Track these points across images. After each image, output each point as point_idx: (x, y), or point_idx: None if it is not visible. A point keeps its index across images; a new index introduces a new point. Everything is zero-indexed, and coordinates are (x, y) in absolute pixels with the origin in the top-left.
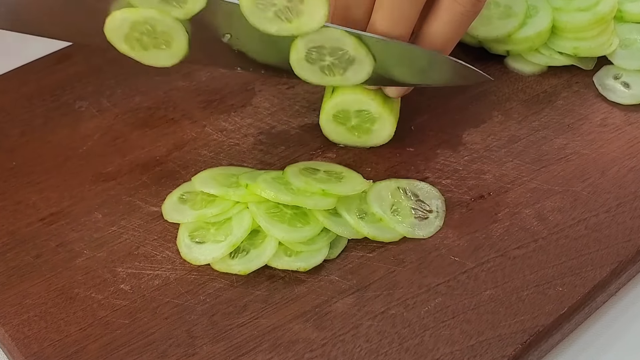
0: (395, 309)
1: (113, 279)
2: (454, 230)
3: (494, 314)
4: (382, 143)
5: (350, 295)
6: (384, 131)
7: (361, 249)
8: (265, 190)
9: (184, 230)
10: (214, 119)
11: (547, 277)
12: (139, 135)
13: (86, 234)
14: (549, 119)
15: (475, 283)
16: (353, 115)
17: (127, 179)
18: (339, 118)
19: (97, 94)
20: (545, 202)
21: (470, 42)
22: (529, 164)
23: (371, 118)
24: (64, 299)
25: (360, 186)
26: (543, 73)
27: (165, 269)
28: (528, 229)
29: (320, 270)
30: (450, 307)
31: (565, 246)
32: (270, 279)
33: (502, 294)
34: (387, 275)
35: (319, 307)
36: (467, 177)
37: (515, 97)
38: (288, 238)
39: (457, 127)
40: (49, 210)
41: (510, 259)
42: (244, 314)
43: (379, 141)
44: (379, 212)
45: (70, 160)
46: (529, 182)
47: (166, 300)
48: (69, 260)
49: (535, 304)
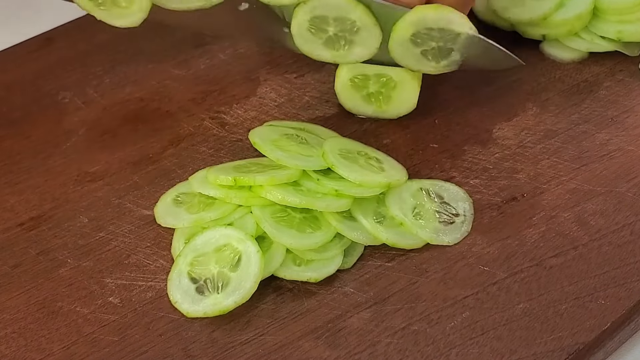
0: (418, 325)
1: (101, 291)
2: (483, 236)
3: (528, 330)
4: (404, 113)
5: (367, 309)
6: (406, 99)
7: (379, 258)
8: (271, 191)
9: (179, 236)
10: (214, 111)
11: (588, 288)
12: (129, 130)
13: (70, 241)
14: (590, 112)
15: (507, 295)
16: (372, 80)
17: (116, 178)
18: (357, 83)
19: (83, 83)
20: (586, 205)
21: (502, 25)
22: (568, 162)
23: (391, 83)
24: (46, 314)
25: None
26: (583, 60)
27: (159, 280)
28: (566, 234)
29: (333, 281)
30: (479, 323)
31: (609, 254)
32: (277, 291)
33: (538, 307)
34: (408, 287)
35: (331, 323)
36: (498, 177)
37: (552, 87)
38: (297, 245)
39: (486, 120)
40: (29, 214)
41: (547, 268)
42: (248, 330)
43: (400, 111)
44: (399, 216)
45: (53, 158)
46: (567, 182)
47: (160, 314)
48: (51, 270)
49: (575, 318)
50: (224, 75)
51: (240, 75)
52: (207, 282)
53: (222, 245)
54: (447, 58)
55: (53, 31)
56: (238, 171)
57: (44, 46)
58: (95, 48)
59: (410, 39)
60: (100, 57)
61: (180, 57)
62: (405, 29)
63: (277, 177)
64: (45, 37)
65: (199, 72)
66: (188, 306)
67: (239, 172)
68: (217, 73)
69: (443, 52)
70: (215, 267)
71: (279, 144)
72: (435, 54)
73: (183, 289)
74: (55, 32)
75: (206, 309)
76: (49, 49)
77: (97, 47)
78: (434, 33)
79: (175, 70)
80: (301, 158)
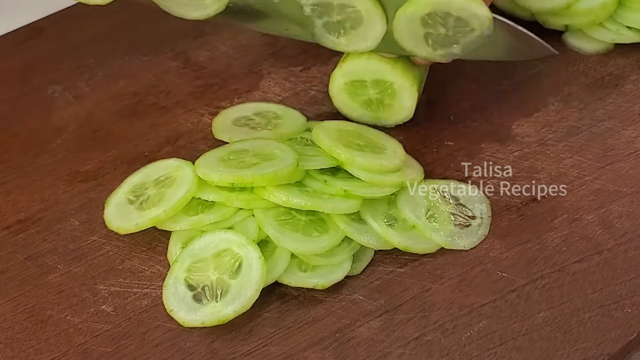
0: (432, 335)
1: (93, 298)
2: (501, 240)
3: (549, 341)
4: (401, 122)
5: (378, 318)
6: (405, 107)
7: (390, 263)
8: (275, 193)
9: (176, 241)
10: (214, 106)
11: (613, 296)
12: (123, 126)
13: (60, 245)
14: (615, 107)
15: (527, 303)
16: (370, 86)
17: (109, 178)
18: (352, 89)
19: (74, 76)
20: (611, 207)
21: (522, 14)
22: (592, 161)
23: (390, 90)
24: (34, 323)
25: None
26: (608, 52)
27: (155, 287)
28: (590, 238)
29: (341, 288)
30: (497, 332)
31: (635, 259)
32: (282, 299)
33: (560, 316)
34: (421, 294)
35: (339, 333)
36: (518, 177)
37: (575, 81)
38: (302, 249)
39: (504, 116)
40: (16, 217)
41: (569, 274)
42: (250, 340)
43: (397, 119)
44: (412, 219)
45: (42, 157)
46: (591, 183)
47: (156, 324)
48: (39, 276)
49: (599, 328)
50: (224, 68)
51: (241, 68)
52: (205, 289)
53: (222, 250)
54: (447, 49)
55: (43, 20)
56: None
57: (32, 36)
58: (88, 39)
59: (422, 17)
60: (92, 49)
61: (178, 49)
62: (424, 5)
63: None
64: (34, 27)
65: (198, 65)
66: (184, 315)
67: (230, 166)
68: (217, 65)
69: (447, 41)
70: (214, 274)
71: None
72: (438, 41)
73: (179, 296)
74: (45, 21)
75: (204, 318)
76: (38, 39)
77: (89, 37)
78: (449, 20)
79: (172, 63)
80: (306, 158)
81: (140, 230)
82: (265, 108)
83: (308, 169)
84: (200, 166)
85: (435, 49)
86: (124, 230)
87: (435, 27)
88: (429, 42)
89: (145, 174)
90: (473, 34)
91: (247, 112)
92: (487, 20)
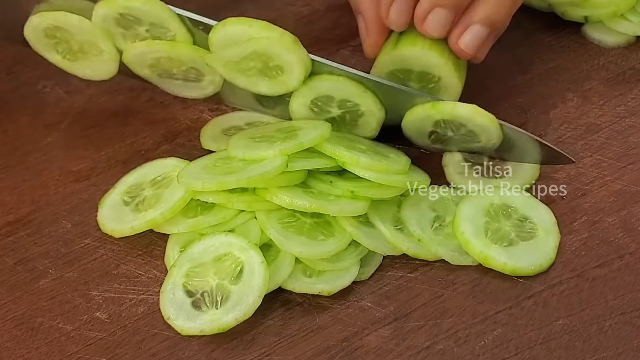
0: (444, 343)
1: (86, 305)
2: None
3: (568, 350)
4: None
5: (387, 325)
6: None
7: (400, 268)
8: (278, 194)
9: (174, 244)
10: (214, 103)
11: (635, 302)
12: (118, 123)
13: (52, 248)
14: (637, 103)
15: (544, 310)
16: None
17: (103, 178)
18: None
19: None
20: (633, 209)
21: (539, 5)
22: (613, 160)
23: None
24: (25, 331)
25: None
26: (630, 45)
27: (152, 293)
28: (611, 242)
29: (348, 295)
30: (513, 341)
31: None
32: (285, 306)
33: (579, 324)
34: (432, 301)
35: (346, 341)
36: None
37: (596, 75)
38: (307, 254)
39: (521, 113)
40: (5, 219)
41: (589, 280)
42: (252, 349)
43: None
44: (417, 232)
45: (32, 155)
46: (612, 183)
47: (153, 332)
48: (30, 281)
49: (621, 336)
50: None
51: None
52: (204, 295)
53: (222, 254)
54: (447, 145)
55: None
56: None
57: None
58: None
59: (435, 121)
60: None
61: None
62: (444, 113)
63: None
64: None
65: None
66: (182, 322)
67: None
68: None
69: (450, 141)
70: (214, 279)
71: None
72: (440, 139)
73: (177, 303)
74: None
75: (203, 326)
76: None
77: None
78: (461, 128)
79: None
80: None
81: (136, 233)
82: (257, 118)
83: (300, 169)
84: (183, 176)
85: (434, 143)
86: (119, 233)
87: (445, 130)
88: (431, 137)
89: (142, 174)
90: (477, 145)
91: (239, 121)
92: (496, 139)
